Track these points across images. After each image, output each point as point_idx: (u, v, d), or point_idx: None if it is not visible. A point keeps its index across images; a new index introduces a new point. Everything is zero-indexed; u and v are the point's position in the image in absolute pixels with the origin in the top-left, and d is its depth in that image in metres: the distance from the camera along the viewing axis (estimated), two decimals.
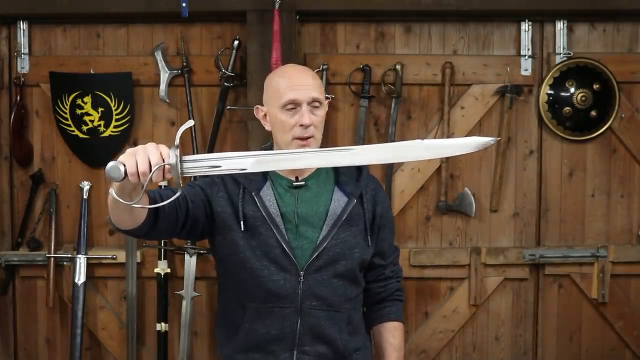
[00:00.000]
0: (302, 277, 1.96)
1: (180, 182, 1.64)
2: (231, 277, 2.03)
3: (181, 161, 1.63)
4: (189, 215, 1.94)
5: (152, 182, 1.63)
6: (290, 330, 1.98)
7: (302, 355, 1.99)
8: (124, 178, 1.60)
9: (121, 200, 1.65)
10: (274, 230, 1.96)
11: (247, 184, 2.00)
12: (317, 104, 1.99)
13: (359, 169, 2.09)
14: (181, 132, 1.62)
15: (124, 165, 1.60)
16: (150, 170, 1.60)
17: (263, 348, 2.00)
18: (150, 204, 1.75)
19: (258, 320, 1.99)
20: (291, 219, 1.99)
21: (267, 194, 2.00)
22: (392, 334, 2.13)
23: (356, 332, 2.08)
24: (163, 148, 1.64)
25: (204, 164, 1.66)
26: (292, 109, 1.97)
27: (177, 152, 1.62)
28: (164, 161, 1.61)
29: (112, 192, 1.66)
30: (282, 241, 1.96)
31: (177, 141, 1.62)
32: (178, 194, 1.66)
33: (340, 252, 1.99)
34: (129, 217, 1.78)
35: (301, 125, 1.96)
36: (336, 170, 2.07)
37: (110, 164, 1.60)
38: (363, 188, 2.06)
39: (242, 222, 1.97)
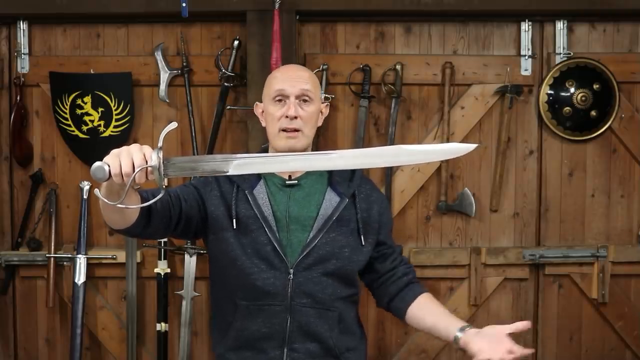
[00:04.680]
0: (291, 275, 1.97)
1: (163, 183, 1.67)
2: (222, 275, 2.05)
3: (164, 163, 1.66)
4: (182, 214, 1.97)
5: (135, 183, 1.66)
6: (281, 328, 1.99)
7: (293, 353, 2.00)
8: (108, 178, 1.63)
9: (105, 200, 1.69)
10: (265, 229, 1.97)
11: (241, 183, 2.02)
12: (306, 98, 2.01)
13: (352, 170, 2.10)
14: (164, 134, 1.66)
15: (109, 166, 1.62)
16: (134, 171, 1.62)
17: (254, 346, 2.01)
18: (141, 204, 1.77)
19: (249, 318, 2.00)
20: (282, 218, 2.00)
21: (260, 192, 2.02)
22: (432, 300, 2.08)
23: (348, 331, 2.08)
24: (147, 149, 1.66)
25: (186, 166, 1.70)
26: (280, 100, 2.01)
27: (160, 154, 1.65)
28: (147, 163, 1.64)
29: (97, 191, 1.70)
30: (272, 239, 1.97)
31: (160, 143, 1.65)
32: (160, 195, 1.70)
33: (330, 251, 2.00)
34: (120, 216, 1.80)
35: (287, 117, 1.98)
36: (330, 170, 2.08)
37: (95, 164, 1.64)
38: (355, 188, 2.07)
39: (234, 220, 1.98)
